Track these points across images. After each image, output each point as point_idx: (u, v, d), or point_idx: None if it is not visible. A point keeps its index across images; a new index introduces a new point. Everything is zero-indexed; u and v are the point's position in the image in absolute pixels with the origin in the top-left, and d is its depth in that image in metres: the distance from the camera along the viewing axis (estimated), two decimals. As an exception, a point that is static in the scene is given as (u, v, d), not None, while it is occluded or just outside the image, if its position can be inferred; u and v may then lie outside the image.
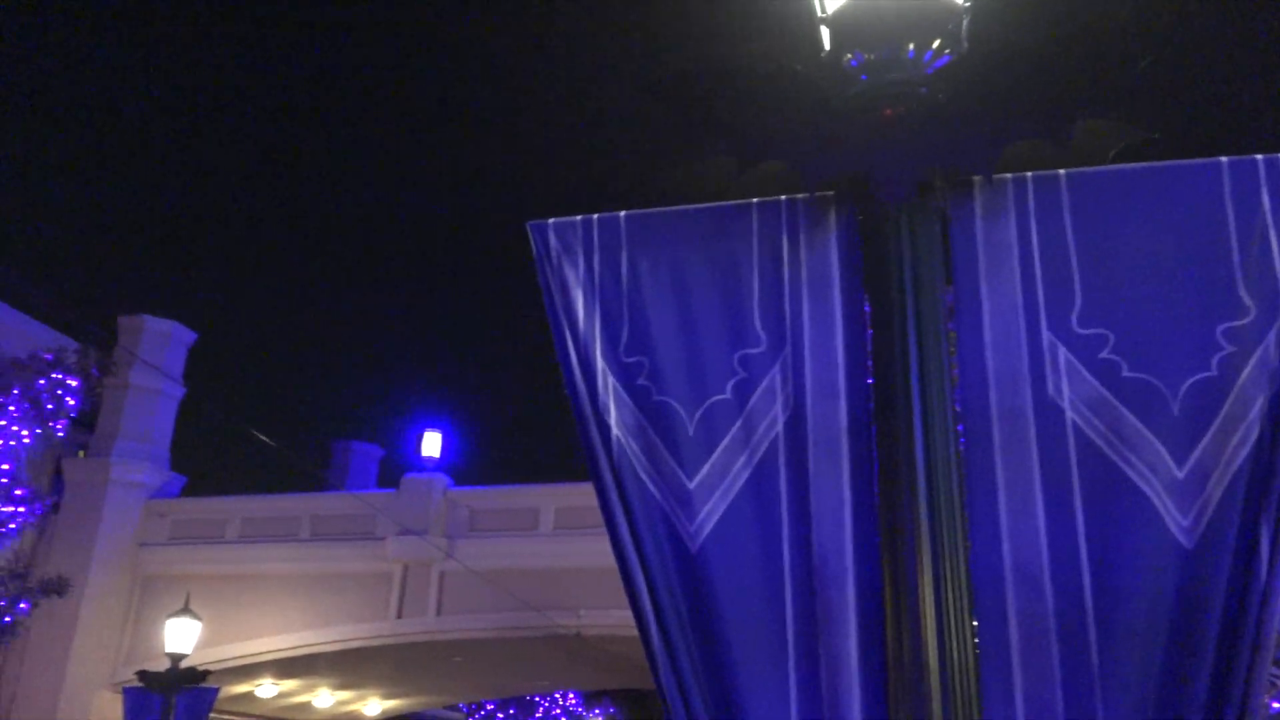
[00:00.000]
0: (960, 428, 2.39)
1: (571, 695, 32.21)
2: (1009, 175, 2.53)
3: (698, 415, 2.54)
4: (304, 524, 18.72)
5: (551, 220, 2.72)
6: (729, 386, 2.55)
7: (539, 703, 31.65)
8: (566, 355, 2.63)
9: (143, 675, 12.83)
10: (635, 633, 2.49)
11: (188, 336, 20.53)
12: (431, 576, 17.83)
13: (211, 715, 13.91)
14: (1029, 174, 2.53)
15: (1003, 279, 2.48)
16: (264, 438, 13.77)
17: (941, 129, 2.44)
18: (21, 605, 11.52)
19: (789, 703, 2.34)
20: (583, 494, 16.94)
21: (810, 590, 2.37)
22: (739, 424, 2.53)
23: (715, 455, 2.52)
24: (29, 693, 17.71)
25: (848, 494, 2.41)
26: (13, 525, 11.67)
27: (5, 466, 11.66)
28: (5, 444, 11.65)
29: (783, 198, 2.64)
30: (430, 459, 18.66)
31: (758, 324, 2.58)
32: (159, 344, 19.59)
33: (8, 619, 11.38)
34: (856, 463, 2.43)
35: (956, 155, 2.46)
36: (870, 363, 2.47)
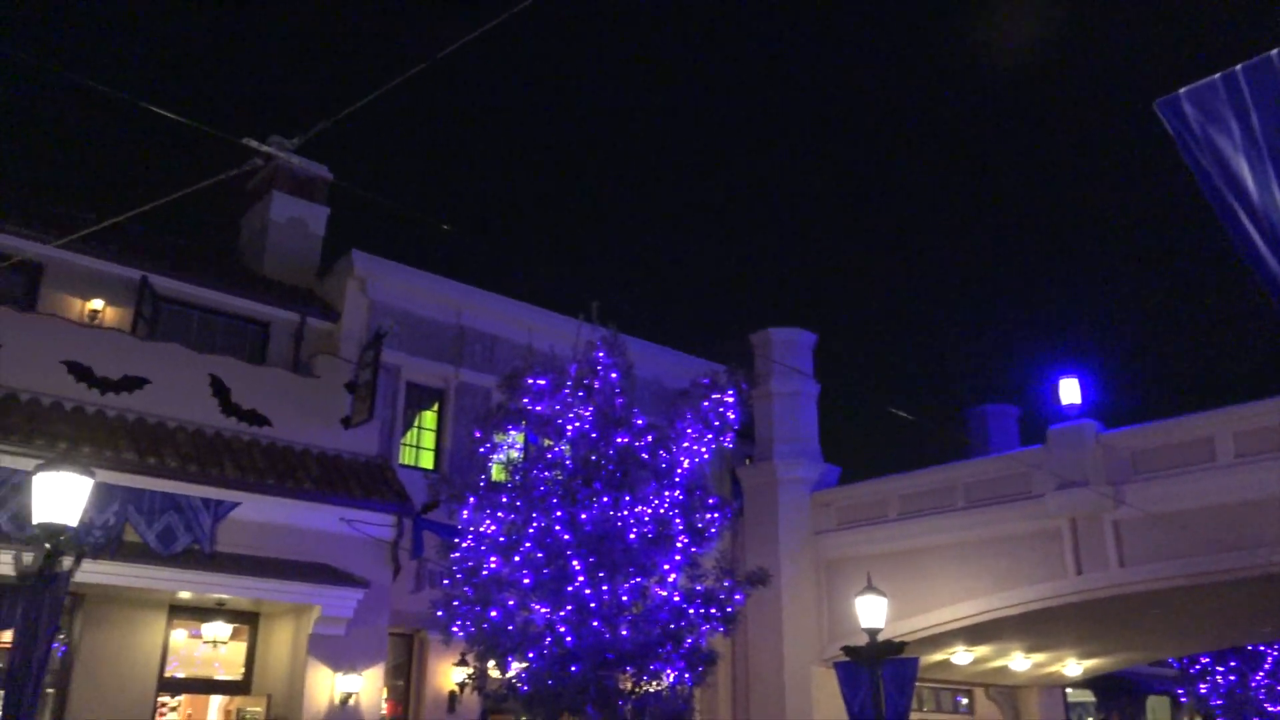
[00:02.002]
0: None
1: (1308, 642, 27.90)
2: None
3: None
4: (958, 493, 18.83)
5: (1182, 90, 2.36)
6: None
7: (1266, 652, 27.90)
8: (1245, 235, 2.23)
9: (848, 650, 13.84)
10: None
11: (810, 338, 22.08)
12: (1104, 527, 16.75)
13: (916, 683, 14.52)
14: None
15: None
16: (903, 414, 14.13)
17: None
18: (737, 597, 13.13)
19: None
20: (1268, 412, 14.72)
21: None
22: None
23: None
24: (757, 671, 20.19)
25: None
26: (713, 530, 13.38)
27: (696, 481, 13.48)
28: (692, 462, 13.46)
29: None
30: (1072, 406, 17.63)
31: None
32: (788, 351, 21.35)
33: (729, 609, 13.04)
34: None
35: None
36: None
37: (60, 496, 8.34)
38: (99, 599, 13.15)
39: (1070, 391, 17.77)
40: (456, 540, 13.37)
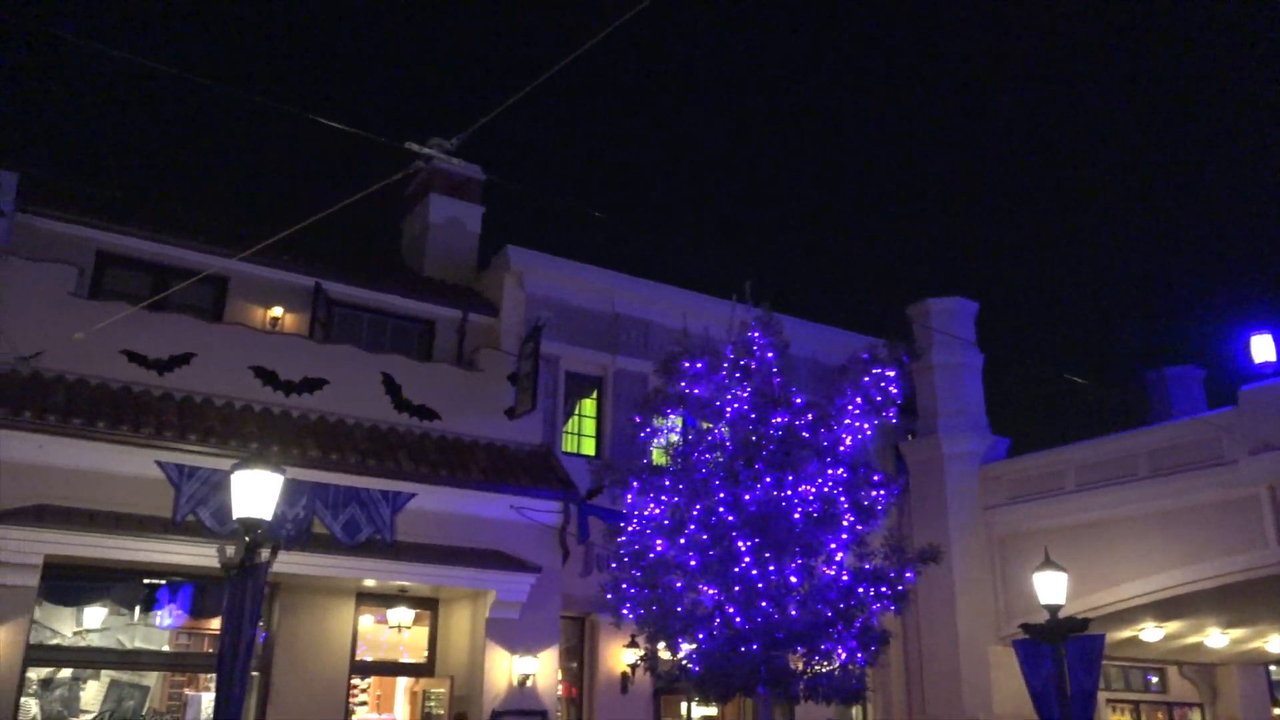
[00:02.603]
0: None
1: None
2: None
3: None
4: (1141, 461, 17.86)
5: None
6: None
7: None
8: None
9: (1026, 628, 13.32)
10: None
11: (971, 306, 21.36)
12: (1308, 494, 15.57)
13: (1103, 661, 13.88)
14: None
15: None
16: (1077, 379, 13.48)
17: None
18: (908, 574, 12.88)
19: None
20: None
21: None
22: None
23: None
24: (931, 650, 19.75)
25: None
26: (880, 507, 13.16)
27: (859, 458, 13.26)
28: (855, 439, 13.26)
29: None
30: (1266, 364, 16.44)
31: None
32: (948, 320, 20.72)
33: (900, 588, 12.80)
34: None
35: None
36: None
37: (255, 493, 8.89)
38: (293, 588, 13.99)
39: (1263, 349, 16.58)
40: (621, 524, 13.59)
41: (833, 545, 12.79)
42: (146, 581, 13.18)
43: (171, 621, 13.40)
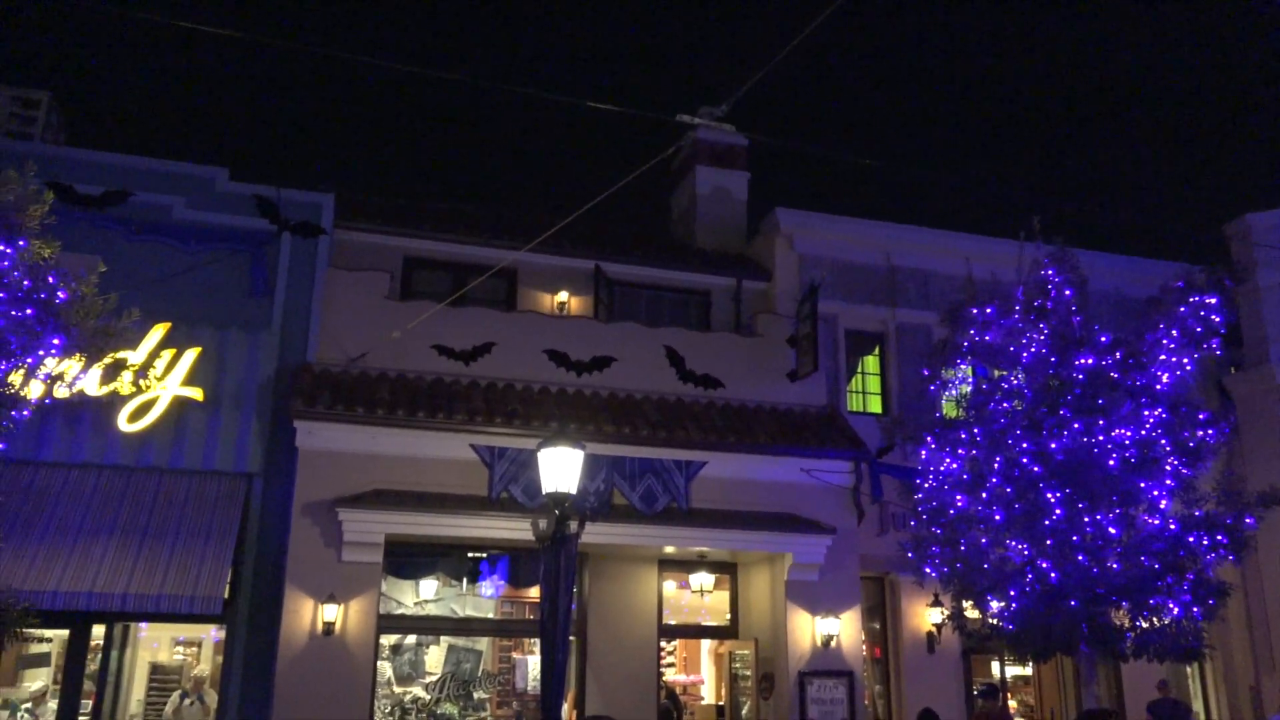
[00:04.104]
0: None
1: None
2: None
3: None
4: None
5: None
6: None
7: None
8: None
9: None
10: None
11: (1303, 216, 18.92)
12: None
13: None
14: None
15: None
16: None
17: None
18: (1248, 521, 11.65)
19: None
20: None
21: None
22: None
23: None
24: (1278, 603, 17.77)
25: None
26: (1207, 448, 11.98)
27: (1180, 396, 12.12)
28: (1172, 376, 12.11)
29: None
30: None
31: None
32: (1276, 237, 18.46)
33: (1238, 535, 11.60)
34: None
35: None
36: None
37: (560, 468, 9.42)
38: (600, 557, 14.71)
39: None
40: (917, 481, 13.22)
41: (1155, 492, 11.80)
42: (470, 555, 14.33)
43: (494, 591, 14.50)
